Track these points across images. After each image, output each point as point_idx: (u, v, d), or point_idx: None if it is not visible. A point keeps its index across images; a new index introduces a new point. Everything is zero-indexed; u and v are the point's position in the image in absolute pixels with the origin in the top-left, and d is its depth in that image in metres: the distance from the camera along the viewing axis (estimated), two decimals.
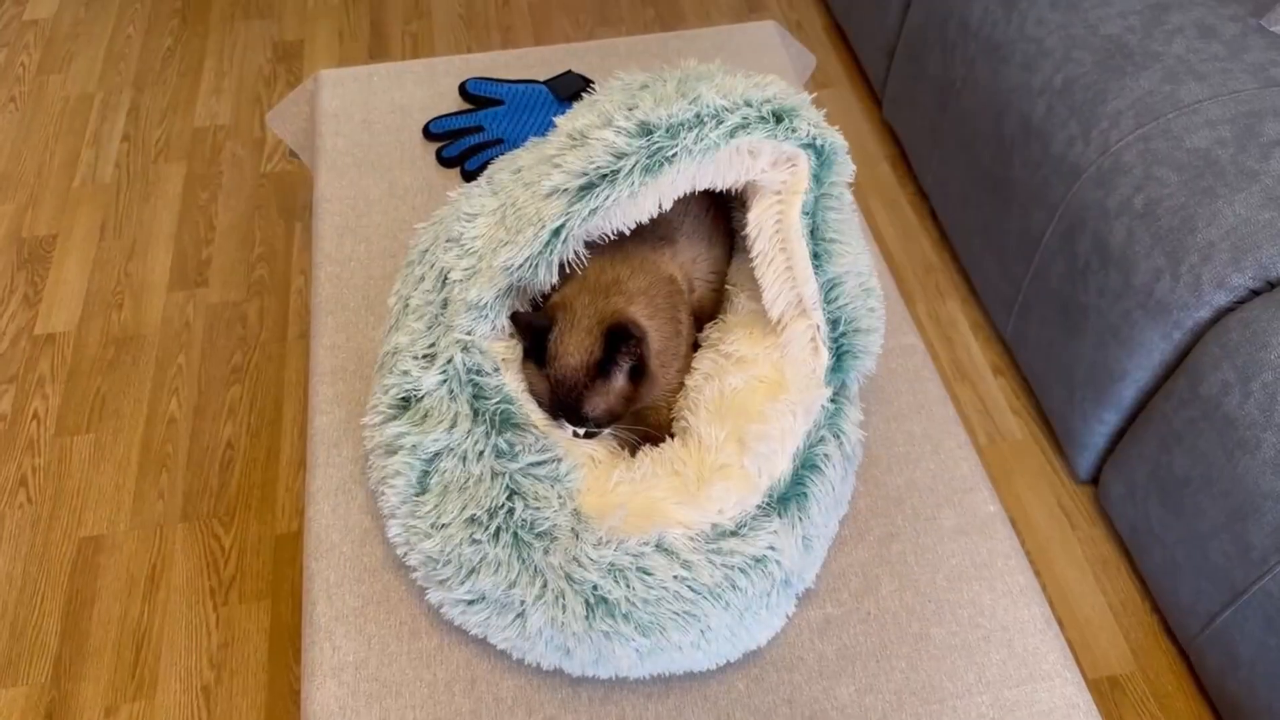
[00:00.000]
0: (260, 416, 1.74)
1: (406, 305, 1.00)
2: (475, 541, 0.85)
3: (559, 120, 0.95)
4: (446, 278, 0.96)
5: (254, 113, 2.29)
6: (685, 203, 1.01)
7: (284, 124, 1.60)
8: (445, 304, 0.95)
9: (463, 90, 1.49)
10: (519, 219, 0.91)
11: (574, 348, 0.88)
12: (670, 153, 0.83)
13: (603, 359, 0.88)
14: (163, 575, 1.55)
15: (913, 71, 1.95)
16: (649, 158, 0.84)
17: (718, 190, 0.95)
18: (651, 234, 0.96)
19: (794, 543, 0.88)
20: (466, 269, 0.94)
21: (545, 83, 1.49)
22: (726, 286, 1.02)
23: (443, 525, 0.88)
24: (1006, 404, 1.77)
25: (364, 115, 1.46)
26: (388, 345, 0.99)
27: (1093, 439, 1.54)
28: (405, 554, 0.93)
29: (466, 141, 1.40)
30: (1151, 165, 1.38)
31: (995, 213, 1.70)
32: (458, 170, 1.38)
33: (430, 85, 1.51)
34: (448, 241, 0.98)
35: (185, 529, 1.60)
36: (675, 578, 0.84)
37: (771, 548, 0.87)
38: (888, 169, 2.14)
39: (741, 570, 0.86)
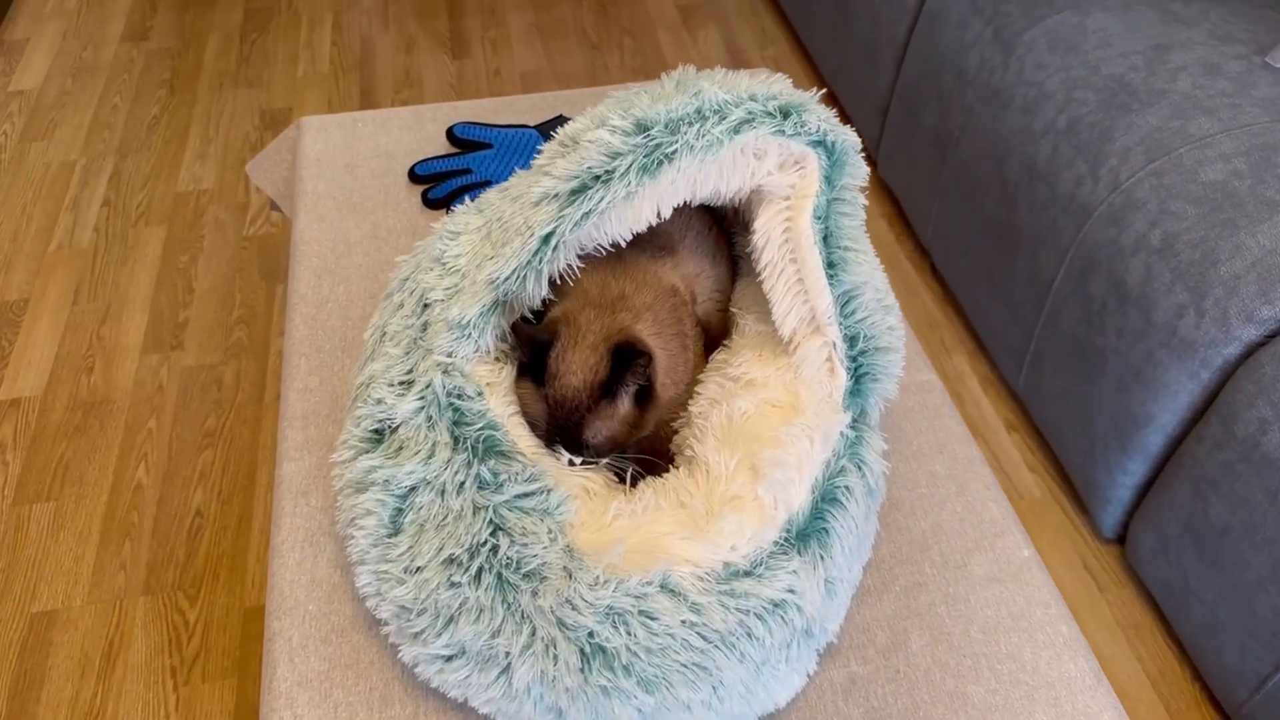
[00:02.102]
0: (233, 482, 1.64)
1: (383, 334, 0.92)
2: (454, 585, 0.76)
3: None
4: (427, 301, 0.88)
5: (239, 177, 2.24)
6: (686, 217, 0.94)
7: (264, 173, 1.54)
8: (425, 327, 0.87)
9: (450, 135, 1.44)
10: (506, 231, 0.84)
11: (577, 366, 0.80)
12: (670, 149, 0.77)
13: (608, 379, 0.80)
14: (120, 653, 1.42)
15: (908, 126, 1.92)
16: (646, 156, 0.77)
17: (720, 202, 0.88)
18: (651, 244, 0.89)
19: (816, 585, 0.79)
20: (449, 288, 0.86)
21: (536, 127, 1.45)
22: (731, 310, 0.95)
23: (417, 569, 0.78)
24: (1022, 460, 1.68)
25: (347, 160, 1.41)
26: (361, 376, 0.90)
27: (1117, 492, 1.45)
28: (376, 606, 0.82)
29: (454, 183, 1.34)
30: (1166, 200, 1.33)
31: (1001, 260, 1.64)
32: (444, 212, 1.32)
33: (417, 131, 1.46)
34: (429, 262, 0.91)
35: (147, 603, 1.48)
36: (683, 623, 0.73)
37: (791, 590, 0.77)
38: (885, 226, 2.10)
39: (758, 616, 0.76)
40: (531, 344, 0.83)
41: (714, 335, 0.95)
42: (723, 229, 1.00)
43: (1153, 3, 1.61)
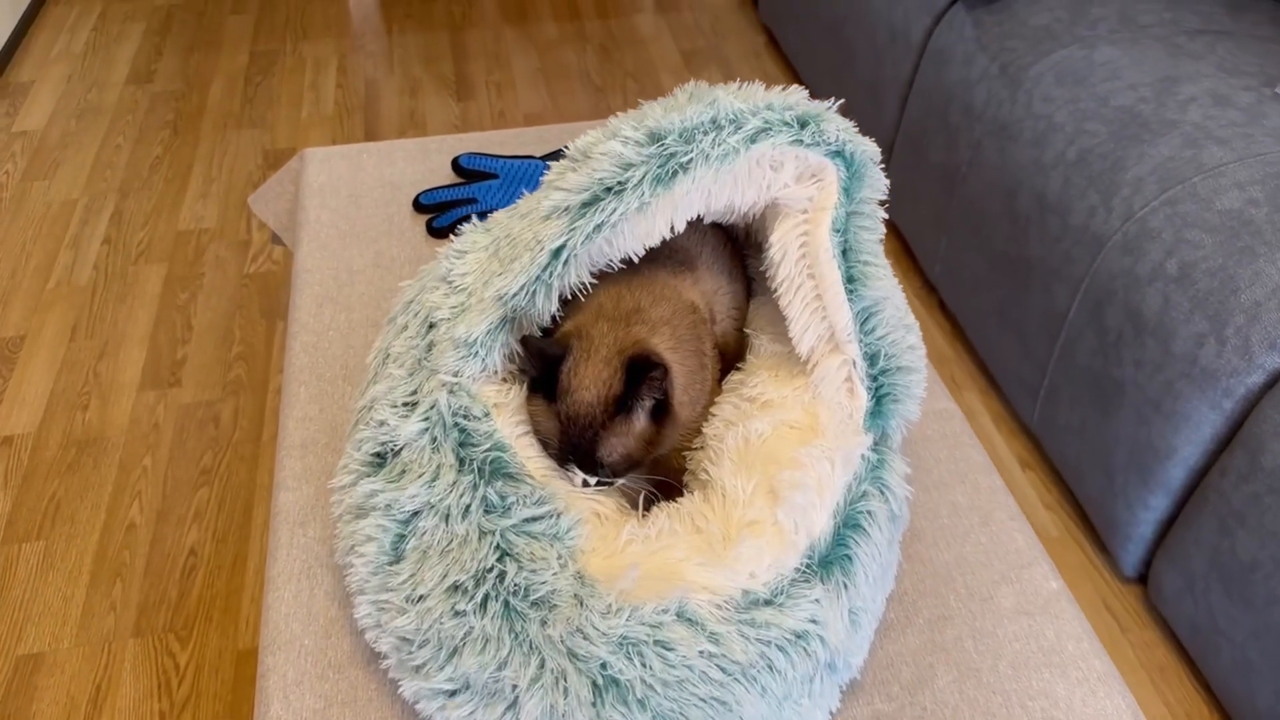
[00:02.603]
0: (228, 520, 1.60)
1: (386, 356, 0.89)
2: (458, 614, 0.71)
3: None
4: (433, 321, 0.85)
5: (241, 215, 2.23)
6: (701, 232, 0.92)
7: (266, 205, 1.52)
8: (430, 347, 0.84)
9: (455, 166, 1.42)
10: (514, 247, 0.81)
11: (590, 380, 0.77)
12: (685, 159, 0.74)
13: (623, 394, 0.77)
14: (107, 697, 1.37)
15: (913, 163, 1.91)
16: (660, 167, 0.74)
17: (734, 218, 0.86)
18: (669, 259, 0.86)
19: (839, 615, 0.75)
20: (455, 307, 0.83)
21: (541, 158, 1.43)
22: (746, 330, 0.92)
23: (420, 597, 0.74)
24: (1038, 498, 1.64)
25: (351, 190, 1.39)
26: (363, 399, 0.87)
27: (1139, 529, 1.41)
28: (376, 638, 0.78)
29: (458, 212, 1.33)
30: (1182, 229, 1.31)
31: (1012, 294, 1.61)
32: (449, 241, 1.30)
33: (422, 162, 1.45)
34: (435, 281, 0.88)
35: (137, 645, 1.43)
36: (701, 654, 0.69)
37: (814, 620, 0.73)
38: (891, 264, 2.07)
39: (779, 648, 0.72)
40: (542, 358, 0.79)
41: (730, 357, 0.92)
42: (737, 247, 0.98)
43: (1159, 37, 1.60)
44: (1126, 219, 1.38)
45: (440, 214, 1.33)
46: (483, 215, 1.31)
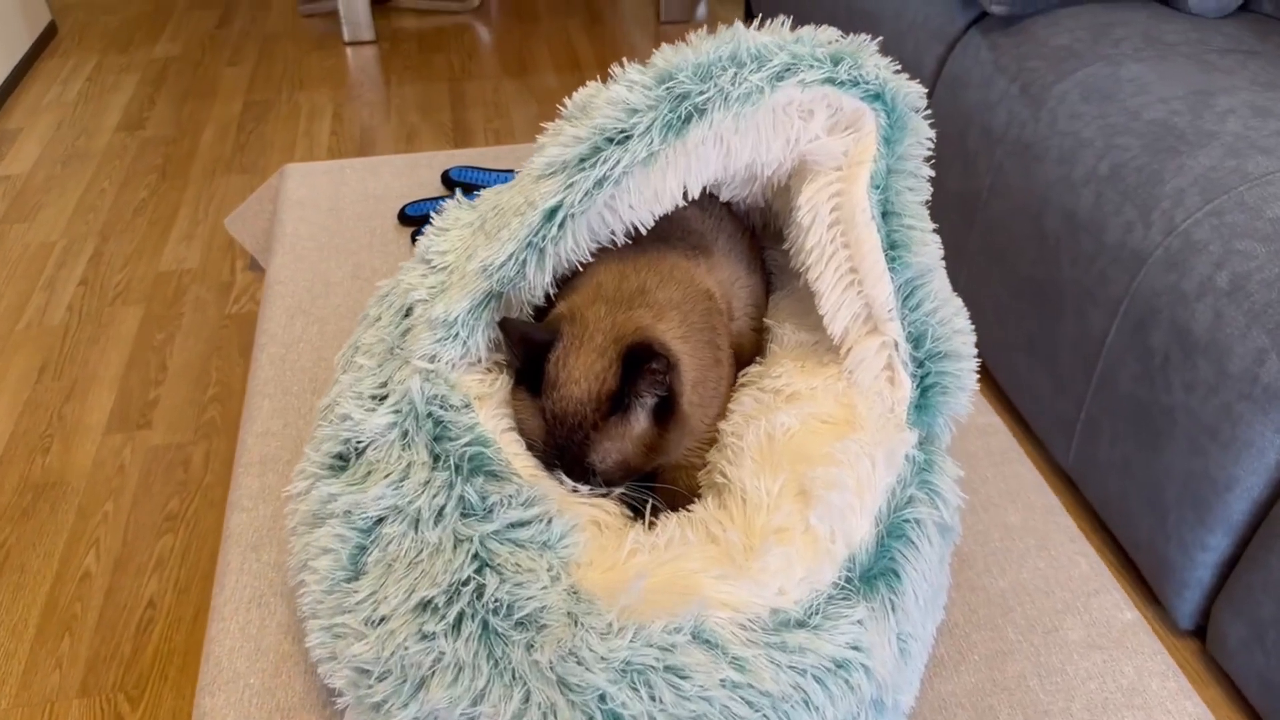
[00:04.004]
0: (192, 570, 1.46)
1: (356, 350, 0.77)
2: (426, 637, 0.59)
3: None
4: (410, 308, 0.74)
5: (225, 257, 2.14)
6: (717, 217, 0.81)
7: (244, 226, 1.43)
8: (406, 334, 0.73)
9: (445, 179, 1.33)
10: (502, 218, 0.71)
11: (581, 373, 0.65)
12: (700, 99, 0.64)
13: (619, 390, 0.65)
14: None
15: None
16: (671, 111, 0.64)
17: (757, 186, 0.75)
18: (682, 242, 0.76)
19: (887, 641, 0.62)
20: (434, 287, 0.72)
21: None
22: (768, 321, 0.80)
23: (381, 619, 0.61)
24: None
25: (332, 204, 1.30)
26: (326, 399, 0.76)
27: (1195, 573, 1.27)
28: (330, 673, 0.65)
29: None
30: (1231, 239, 1.21)
31: (1042, 323, 1.51)
32: None
33: (410, 176, 1.35)
34: (413, 264, 0.78)
35: (82, 705, 1.28)
36: (723, 683, 0.56)
37: (856, 647, 0.60)
38: None
39: (817, 678, 0.59)
40: (526, 345, 0.68)
41: (744, 360, 0.80)
42: (756, 238, 0.87)
43: (1187, 55, 1.53)
44: (1168, 233, 1.28)
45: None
46: None
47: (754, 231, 0.89)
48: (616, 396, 0.66)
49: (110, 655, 1.34)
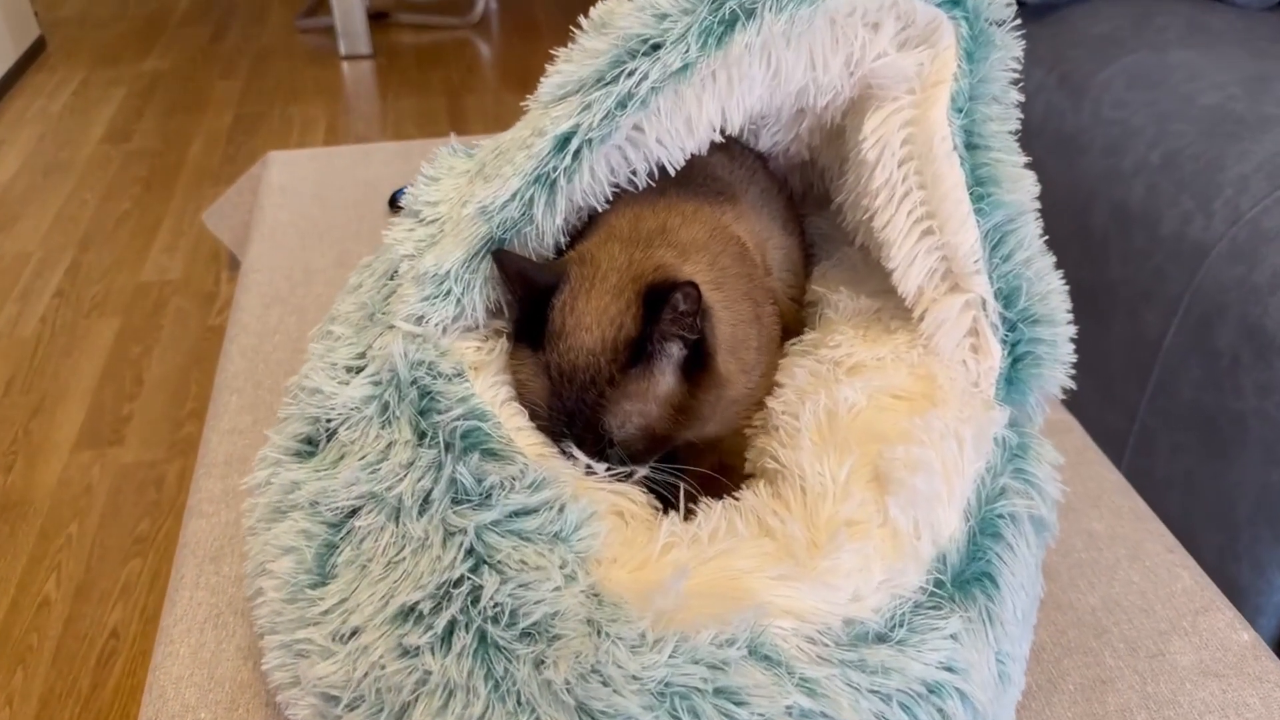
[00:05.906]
0: (160, 596, 1.32)
1: (332, 321, 0.65)
2: (408, 653, 0.46)
3: None
4: (395, 270, 0.63)
5: (209, 268, 2.02)
6: (749, 169, 0.70)
7: (222, 220, 1.32)
8: (390, 296, 0.61)
9: None
10: (502, 158, 0.60)
11: (593, 318, 0.54)
12: (747, 1, 0.53)
13: (639, 337, 0.53)
14: None
15: None
16: (711, 12, 0.53)
17: (813, 117, 0.64)
18: (706, 188, 0.64)
19: (986, 662, 0.49)
20: (423, 239, 0.61)
21: None
22: (816, 289, 0.68)
23: (353, 631, 0.49)
24: None
25: (317, 190, 1.18)
26: (295, 377, 0.64)
27: (1273, 597, 1.14)
28: (290, 701, 0.52)
29: None
30: None
31: (1088, 328, 1.38)
32: None
33: (405, 162, 1.25)
34: (401, 219, 0.66)
35: None
36: (789, 711, 0.44)
37: (950, 668, 0.48)
38: None
39: (903, 706, 0.46)
40: (525, 284, 0.56)
41: (789, 329, 0.68)
42: (793, 199, 0.76)
43: (1236, 42, 1.43)
44: (1233, 222, 1.16)
45: None
46: None
47: (791, 194, 0.77)
48: (636, 345, 0.54)
49: (67, 691, 1.21)
